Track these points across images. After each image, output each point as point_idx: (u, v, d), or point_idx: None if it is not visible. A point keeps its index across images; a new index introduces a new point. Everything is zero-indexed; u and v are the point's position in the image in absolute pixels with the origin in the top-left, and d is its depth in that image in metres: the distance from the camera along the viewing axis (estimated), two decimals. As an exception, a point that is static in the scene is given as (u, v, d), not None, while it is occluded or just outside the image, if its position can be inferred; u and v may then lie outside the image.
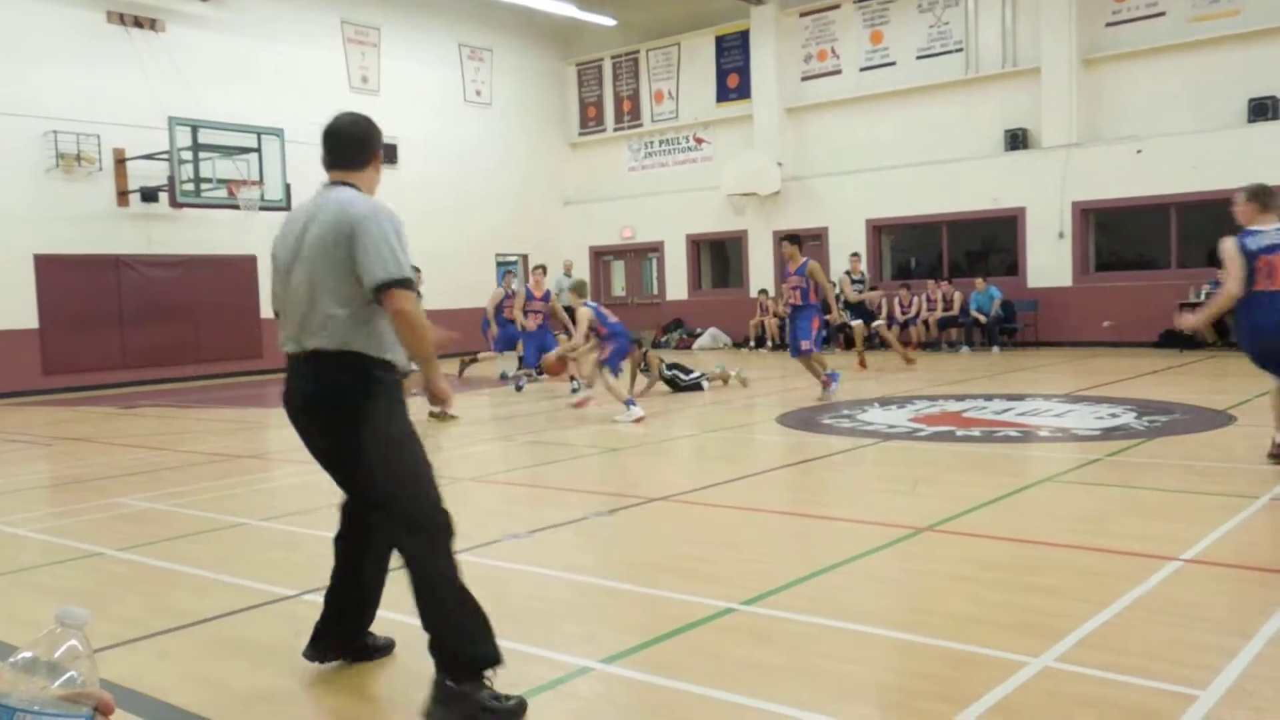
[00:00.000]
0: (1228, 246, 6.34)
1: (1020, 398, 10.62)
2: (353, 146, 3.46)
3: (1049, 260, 17.76)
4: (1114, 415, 9.02)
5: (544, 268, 14.62)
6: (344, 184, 3.40)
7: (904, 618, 3.87)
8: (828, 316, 12.07)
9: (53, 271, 15.96)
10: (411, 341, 3.24)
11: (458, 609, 3.11)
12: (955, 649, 3.48)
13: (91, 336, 16.19)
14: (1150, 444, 7.53)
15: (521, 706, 3.06)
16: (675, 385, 12.70)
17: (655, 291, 23.08)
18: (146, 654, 3.73)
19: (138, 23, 16.97)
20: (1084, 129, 17.48)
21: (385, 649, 3.64)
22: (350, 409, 3.20)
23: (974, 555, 4.70)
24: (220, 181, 16.45)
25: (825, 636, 3.67)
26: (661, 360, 12.99)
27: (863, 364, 14.98)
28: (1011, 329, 17.70)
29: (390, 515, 3.22)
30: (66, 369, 16.04)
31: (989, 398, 10.70)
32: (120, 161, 16.62)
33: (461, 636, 3.09)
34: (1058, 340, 17.52)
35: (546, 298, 13.75)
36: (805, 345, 11.05)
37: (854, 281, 16.96)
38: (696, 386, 12.73)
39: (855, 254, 17.78)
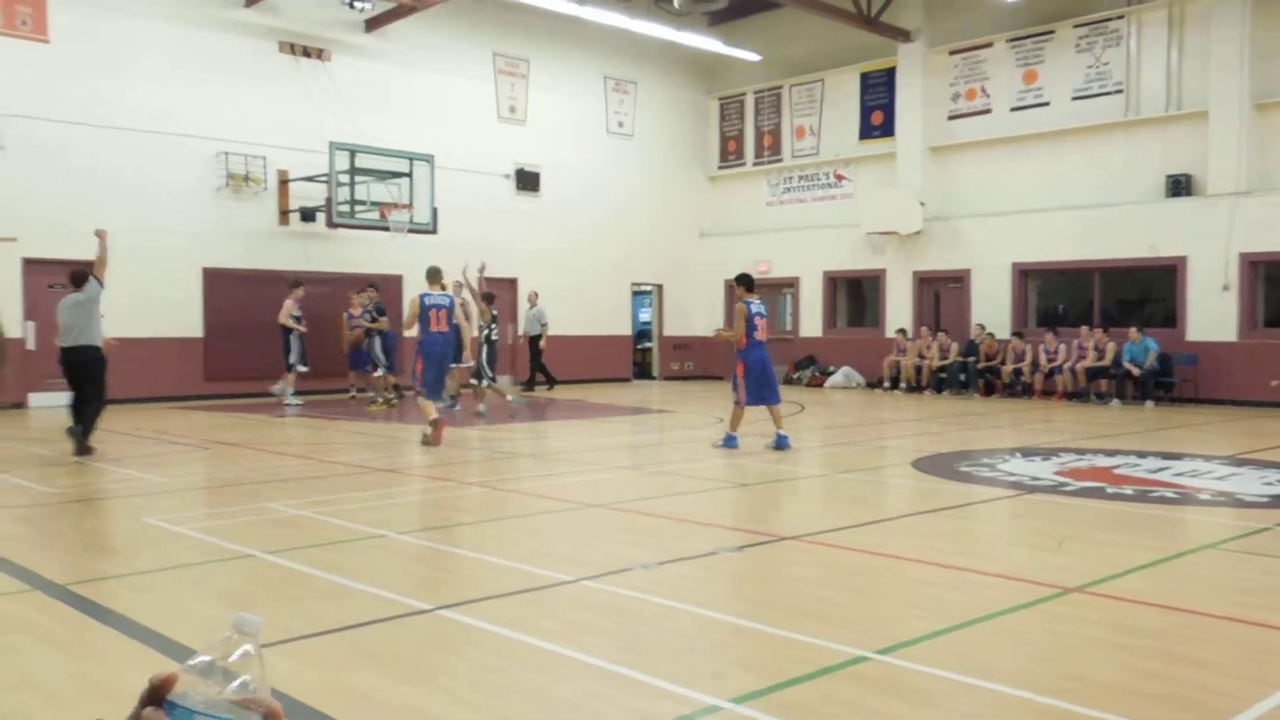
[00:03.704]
0: None
1: (1177, 456, 10.04)
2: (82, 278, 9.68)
3: (1211, 313, 16.81)
4: (1282, 481, 8.43)
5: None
6: (80, 291, 9.60)
7: (1048, 681, 3.68)
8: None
9: (218, 284, 16.97)
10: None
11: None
12: (1103, 719, 3.29)
13: (249, 347, 17.09)
14: (1323, 514, 7.00)
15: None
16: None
17: (789, 327, 22.88)
18: (290, 657, 3.87)
19: (306, 52, 17.98)
20: (1255, 177, 16.53)
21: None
22: (102, 364, 9.70)
23: (1125, 621, 4.45)
24: (374, 204, 17.19)
25: (963, 694, 3.53)
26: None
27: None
28: (1168, 383, 16.80)
29: (100, 397, 9.76)
30: (226, 376, 16.98)
31: (1142, 455, 10.16)
32: (283, 183, 17.58)
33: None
34: (1219, 398, 16.52)
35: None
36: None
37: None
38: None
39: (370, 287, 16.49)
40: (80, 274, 9.71)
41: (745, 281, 10.70)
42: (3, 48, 14.97)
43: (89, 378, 9.62)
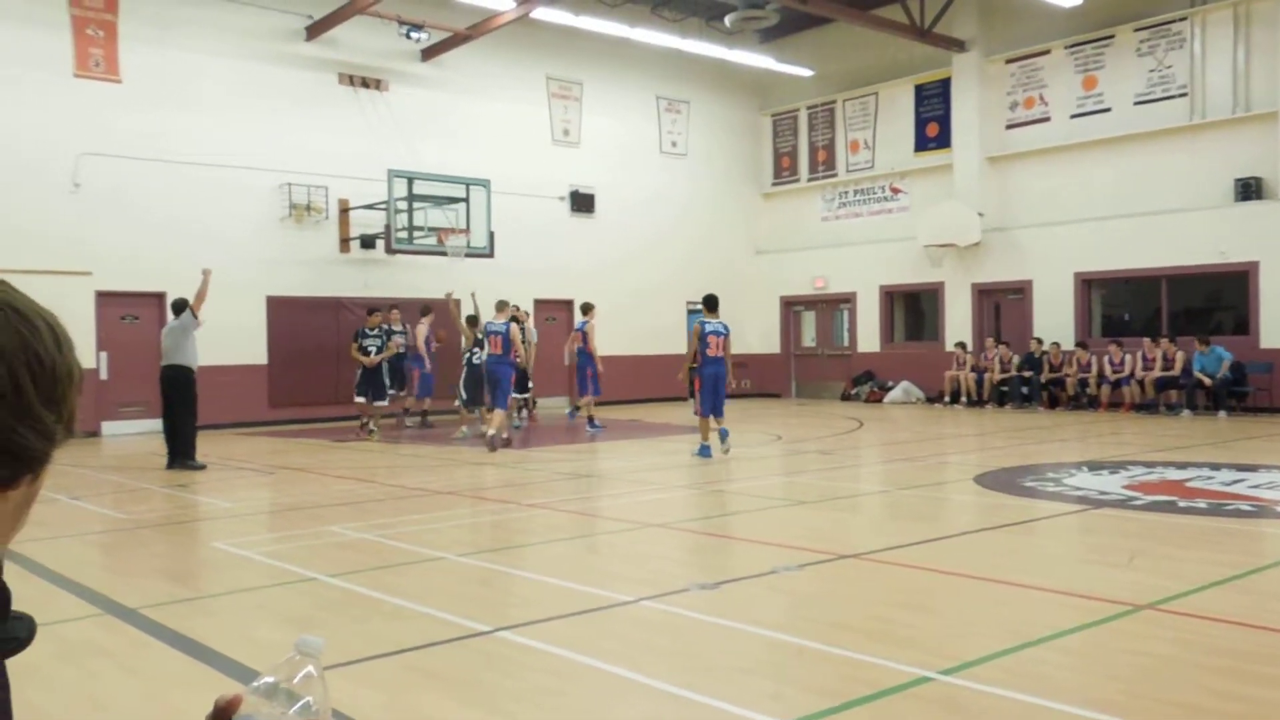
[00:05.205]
0: None
1: (1253, 468, 9.71)
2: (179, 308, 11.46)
3: (1286, 319, 16.28)
4: (1366, 492, 8.10)
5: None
6: (177, 319, 11.32)
7: (1120, 702, 3.57)
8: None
9: (281, 312, 17.34)
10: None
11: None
12: (1181, 742, 3.18)
13: (311, 373, 17.42)
14: None
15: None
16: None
17: (846, 343, 22.68)
18: (352, 679, 3.92)
19: (365, 83, 18.36)
20: (1328, 177, 16.04)
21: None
22: (190, 381, 11.14)
23: (1201, 639, 4.30)
24: (431, 229, 17.44)
25: (1030, 715, 3.44)
26: None
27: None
28: (1242, 393, 16.28)
29: (190, 414, 11.15)
30: (289, 402, 17.31)
31: (1216, 467, 9.85)
32: (344, 211, 17.94)
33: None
34: (1295, 406, 15.98)
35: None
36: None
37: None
38: None
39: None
40: (178, 304, 11.47)
41: (707, 302, 11.69)
42: (77, 90, 15.52)
43: (178, 394, 11.17)
